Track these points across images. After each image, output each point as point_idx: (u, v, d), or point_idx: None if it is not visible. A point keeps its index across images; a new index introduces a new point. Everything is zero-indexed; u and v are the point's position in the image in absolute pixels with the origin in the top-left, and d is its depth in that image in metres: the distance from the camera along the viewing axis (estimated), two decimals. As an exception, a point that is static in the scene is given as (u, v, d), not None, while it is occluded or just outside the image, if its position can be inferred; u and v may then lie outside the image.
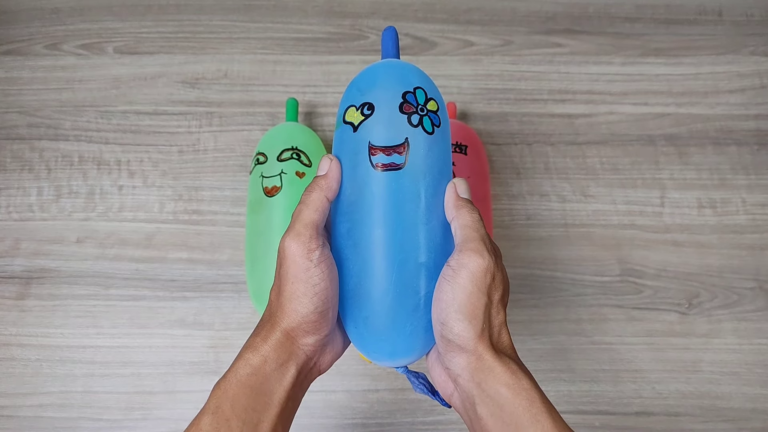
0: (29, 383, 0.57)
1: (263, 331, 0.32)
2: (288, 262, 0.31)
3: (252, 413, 0.30)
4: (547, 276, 0.61)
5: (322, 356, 0.34)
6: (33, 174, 0.64)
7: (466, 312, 0.30)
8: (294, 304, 0.31)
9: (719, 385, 0.57)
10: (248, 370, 0.31)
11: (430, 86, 0.35)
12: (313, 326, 0.32)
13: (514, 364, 0.30)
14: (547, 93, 0.67)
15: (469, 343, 0.30)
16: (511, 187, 0.64)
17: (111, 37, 0.70)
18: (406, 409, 0.56)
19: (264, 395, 0.30)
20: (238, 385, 0.30)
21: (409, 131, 0.33)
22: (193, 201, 0.63)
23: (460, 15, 0.71)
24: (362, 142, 0.33)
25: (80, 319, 0.59)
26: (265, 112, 0.66)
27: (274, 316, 0.32)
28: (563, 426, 0.29)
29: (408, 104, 0.33)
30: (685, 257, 0.61)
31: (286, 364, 0.31)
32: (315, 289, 0.31)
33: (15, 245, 0.61)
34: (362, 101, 0.34)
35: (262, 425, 0.30)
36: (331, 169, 0.34)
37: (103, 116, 0.66)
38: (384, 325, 0.33)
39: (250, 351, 0.31)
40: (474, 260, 0.30)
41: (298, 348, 0.32)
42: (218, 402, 0.30)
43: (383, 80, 0.34)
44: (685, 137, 0.66)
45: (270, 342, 0.31)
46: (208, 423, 0.29)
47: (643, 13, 0.71)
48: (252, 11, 0.71)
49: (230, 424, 0.29)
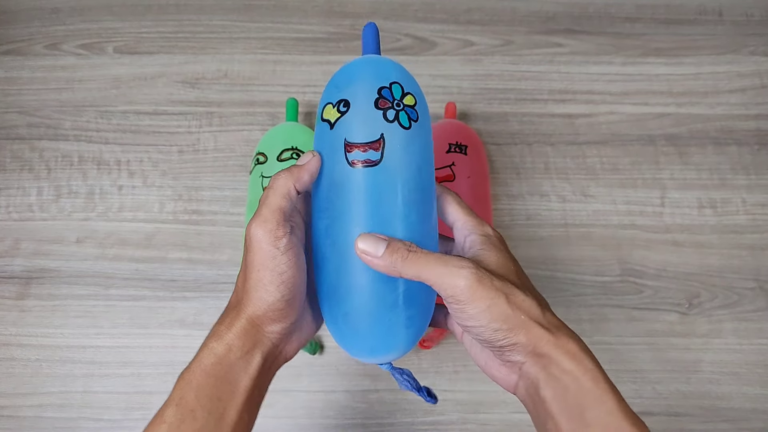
0: (29, 383, 0.57)
1: (228, 318, 0.32)
2: (254, 249, 0.31)
3: (217, 402, 0.29)
4: (547, 276, 0.61)
5: (288, 344, 0.34)
6: (33, 174, 0.64)
7: (497, 321, 0.29)
8: (260, 292, 0.31)
9: (719, 386, 0.57)
10: (212, 359, 0.30)
11: (408, 81, 0.35)
12: (280, 314, 0.31)
13: (573, 344, 0.30)
14: (547, 93, 0.67)
15: (518, 335, 0.29)
16: (511, 187, 0.64)
17: (111, 37, 0.69)
18: (406, 409, 0.56)
19: (229, 384, 0.30)
20: (202, 375, 0.30)
21: (385, 127, 0.32)
22: (193, 201, 0.63)
23: (460, 15, 0.71)
24: (338, 140, 0.33)
25: (80, 319, 0.59)
26: (265, 112, 0.66)
27: (240, 304, 0.32)
28: (626, 406, 0.28)
29: (383, 99, 0.33)
30: (685, 257, 0.61)
31: (251, 352, 0.31)
32: (282, 277, 0.31)
33: (15, 245, 0.61)
34: (338, 98, 0.33)
35: (228, 414, 0.30)
36: (309, 163, 0.33)
37: (103, 116, 0.66)
38: (363, 321, 0.33)
39: (214, 339, 0.31)
40: (459, 284, 0.29)
41: (263, 336, 0.32)
42: (182, 393, 0.29)
43: (359, 76, 0.34)
44: (686, 137, 0.66)
45: (234, 330, 0.31)
46: (172, 414, 0.29)
47: (643, 13, 0.71)
48: (252, 11, 0.71)
49: (195, 414, 0.29)
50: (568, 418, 0.28)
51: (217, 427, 0.29)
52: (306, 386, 0.57)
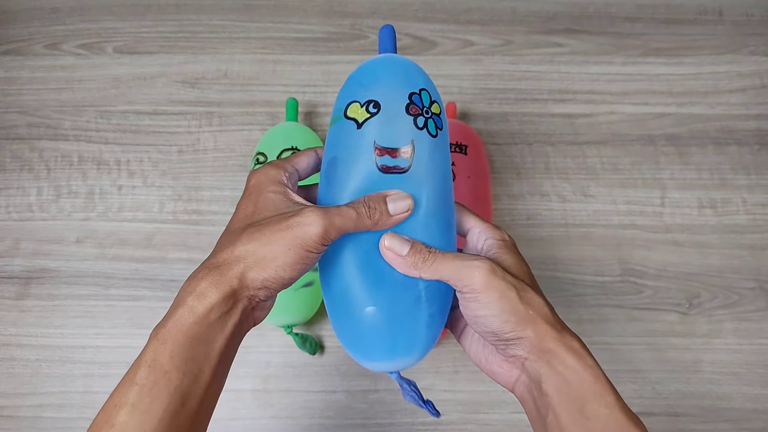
0: (29, 383, 0.57)
1: (213, 275, 0.30)
2: (300, 235, 0.30)
3: (192, 364, 0.28)
4: (547, 276, 0.61)
5: (263, 310, 0.33)
6: (33, 174, 0.64)
7: (507, 312, 0.31)
8: (276, 266, 0.30)
9: (720, 386, 0.57)
10: (192, 318, 0.28)
11: (432, 88, 0.35)
12: (282, 285, 0.31)
13: (576, 342, 0.31)
14: (547, 93, 0.67)
15: (526, 330, 0.31)
16: (511, 187, 0.64)
17: (111, 37, 0.69)
18: (406, 410, 0.56)
19: (205, 345, 0.29)
20: (178, 335, 0.28)
21: (415, 134, 0.32)
22: (193, 201, 0.63)
23: (460, 15, 0.71)
24: (366, 141, 0.32)
25: (80, 319, 0.59)
26: (265, 112, 0.66)
27: (237, 263, 0.30)
28: (624, 403, 0.30)
29: (414, 106, 0.33)
30: (685, 257, 0.61)
31: (230, 312, 0.30)
32: (306, 268, 0.31)
33: (15, 245, 0.61)
34: (367, 98, 0.33)
35: (202, 375, 0.29)
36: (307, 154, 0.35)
37: (103, 116, 0.66)
38: (386, 319, 0.32)
39: (195, 298, 0.29)
40: (478, 276, 0.31)
41: (245, 298, 0.30)
42: (155, 354, 0.28)
43: (389, 78, 0.34)
44: (686, 137, 0.66)
45: (221, 289, 0.29)
46: (143, 377, 0.27)
47: (643, 13, 0.71)
48: (252, 11, 0.71)
49: (169, 376, 0.27)
50: (569, 412, 0.29)
51: (191, 389, 0.28)
52: (306, 386, 0.57)
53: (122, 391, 0.27)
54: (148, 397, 0.27)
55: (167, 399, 0.27)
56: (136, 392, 0.27)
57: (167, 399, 0.27)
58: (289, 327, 0.54)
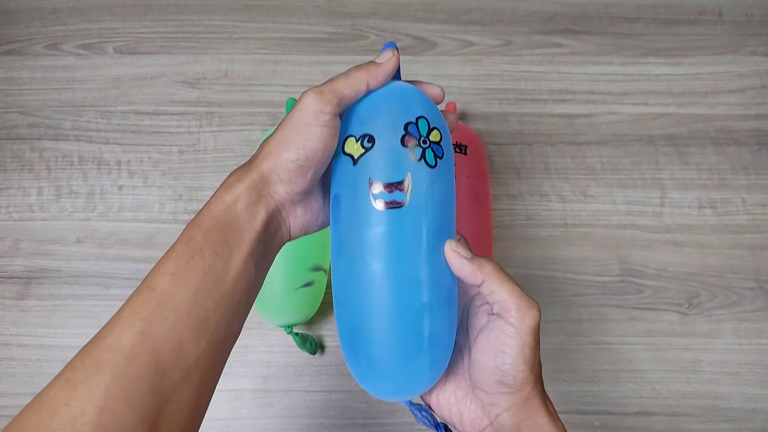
0: (29, 383, 0.57)
1: (239, 171, 0.33)
2: (297, 112, 0.32)
3: (224, 246, 0.30)
4: (547, 276, 0.61)
5: (293, 216, 0.34)
6: (33, 174, 0.64)
7: (529, 363, 0.32)
8: (280, 147, 0.32)
9: (719, 385, 0.57)
10: (221, 206, 0.31)
11: (433, 113, 0.34)
12: (288, 175, 0.32)
13: (552, 407, 0.33)
14: (547, 93, 0.67)
15: (526, 387, 0.32)
16: (511, 187, 0.64)
17: (111, 37, 0.70)
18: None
19: (235, 232, 0.31)
20: (210, 220, 0.31)
21: (411, 166, 0.31)
22: (193, 201, 0.63)
23: (460, 15, 0.71)
24: (362, 177, 0.32)
25: (80, 319, 0.59)
26: (265, 112, 0.66)
27: (256, 160, 0.33)
28: None
29: (410, 136, 0.32)
30: (685, 257, 0.61)
31: (255, 205, 0.32)
32: (306, 144, 0.31)
33: (15, 245, 0.61)
34: (362, 132, 0.32)
35: (234, 259, 0.30)
36: (388, 62, 0.33)
37: (103, 116, 0.66)
38: (388, 364, 0.32)
39: (223, 190, 0.32)
40: (533, 315, 0.32)
41: (267, 193, 0.32)
42: (191, 234, 0.30)
43: (384, 109, 0.33)
44: (685, 137, 0.66)
45: (245, 181, 0.32)
46: (181, 251, 0.30)
47: (643, 13, 0.71)
48: (252, 11, 0.71)
49: (203, 253, 0.30)
50: None
51: (224, 270, 0.30)
52: (306, 386, 0.57)
53: (162, 263, 0.30)
54: (185, 270, 0.29)
55: (201, 275, 0.29)
56: (174, 264, 0.30)
57: (201, 275, 0.29)
58: (289, 327, 0.54)
